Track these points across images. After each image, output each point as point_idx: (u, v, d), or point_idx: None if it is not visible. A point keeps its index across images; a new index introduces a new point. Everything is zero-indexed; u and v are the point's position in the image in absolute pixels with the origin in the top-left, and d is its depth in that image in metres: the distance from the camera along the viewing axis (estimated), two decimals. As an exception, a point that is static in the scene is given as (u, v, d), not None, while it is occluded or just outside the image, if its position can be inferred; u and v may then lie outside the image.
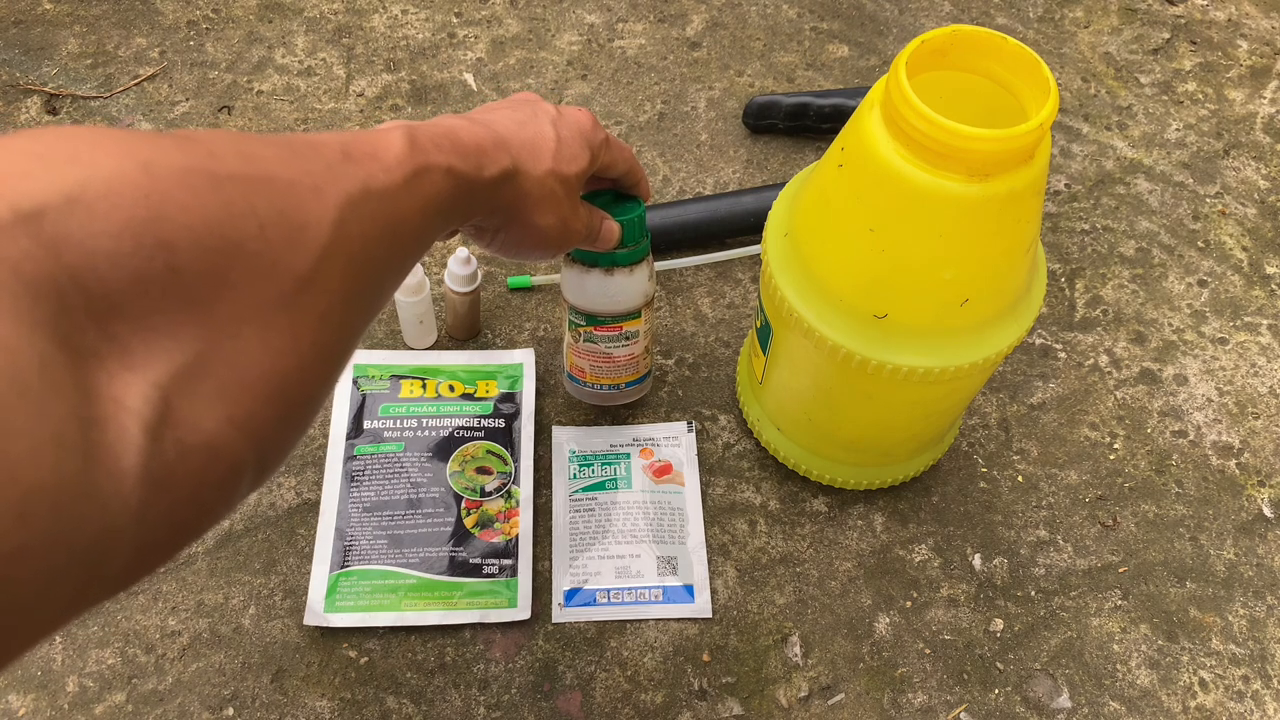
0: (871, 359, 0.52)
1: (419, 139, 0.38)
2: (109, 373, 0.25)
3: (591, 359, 0.65)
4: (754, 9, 0.94)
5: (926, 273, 0.49)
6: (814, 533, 0.67)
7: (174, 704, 0.59)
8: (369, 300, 0.35)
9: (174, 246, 0.26)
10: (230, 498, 0.30)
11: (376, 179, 0.34)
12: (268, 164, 0.30)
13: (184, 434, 0.26)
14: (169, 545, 0.28)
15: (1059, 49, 0.93)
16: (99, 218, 0.25)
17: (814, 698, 0.61)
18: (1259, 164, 0.86)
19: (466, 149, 0.41)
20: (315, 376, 0.32)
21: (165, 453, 0.26)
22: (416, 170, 0.37)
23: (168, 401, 0.26)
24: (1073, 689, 0.62)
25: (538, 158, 0.46)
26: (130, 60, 0.88)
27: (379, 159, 0.35)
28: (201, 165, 0.28)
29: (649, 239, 0.60)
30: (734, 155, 0.84)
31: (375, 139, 0.36)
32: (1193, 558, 0.66)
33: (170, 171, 0.27)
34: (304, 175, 0.31)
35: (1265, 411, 0.73)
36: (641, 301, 0.62)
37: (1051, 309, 0.77)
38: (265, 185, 0.29)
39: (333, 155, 0.33)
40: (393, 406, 0.68)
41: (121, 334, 0.25)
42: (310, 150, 0.33)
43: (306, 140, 0.33)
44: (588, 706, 0.60)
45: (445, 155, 0.39)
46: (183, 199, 0.27)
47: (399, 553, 0.63)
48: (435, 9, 0.93)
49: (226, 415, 0.28)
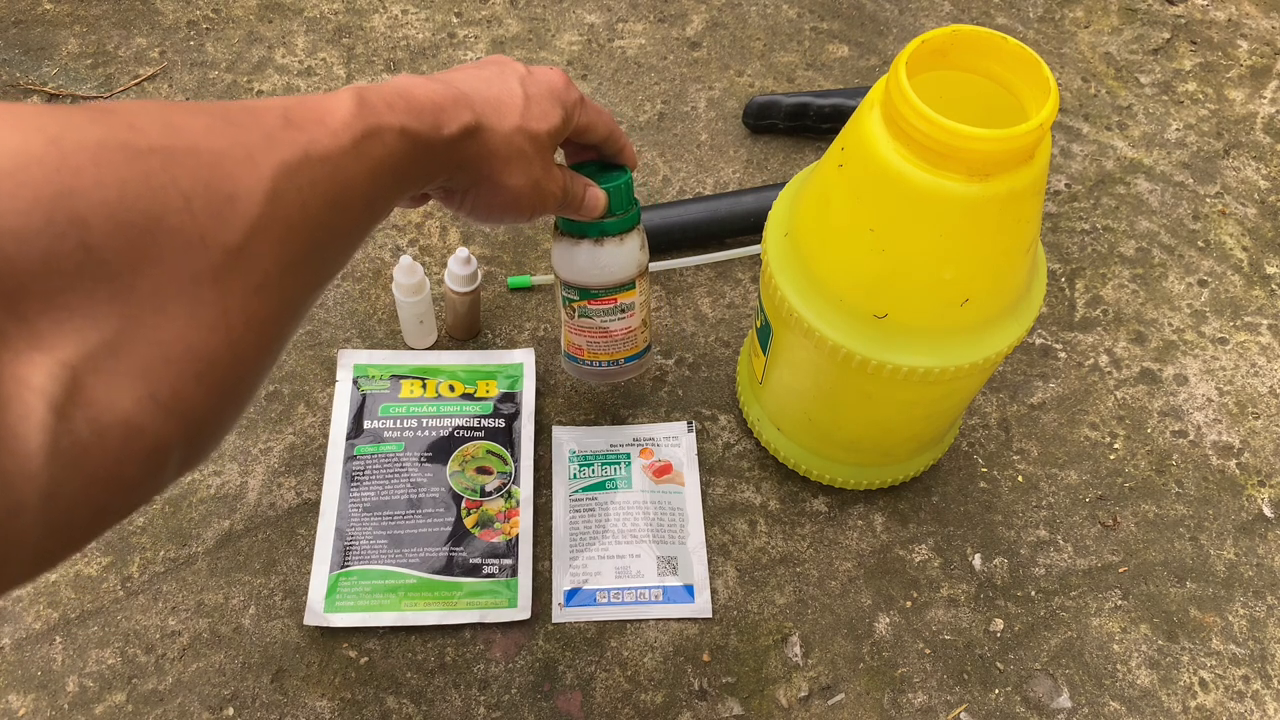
0: (871, 359, 0.52)
1: (369, 99, 0.37)
2: (15, 352, 0.24)
3: (588, 335, 0.63)
4: (754, 9, 0.94)
5: (926, 273, 0.49)
6: (814, 533, 0.67)
7: (174, 704, 0.59)
8: (314, 269, 0.34)
9: (87, 223, 0.25)
10: (156, 476, 0.29)
11: (319, 144, 0.33)
12: (194, 134, 0.29)
13: (98, 412, 0.26)
14: (87, 525, 0.28)
15: (1059, 49, 0.93)
16: (4, 196, 0.24)
17: (814, 698, 0.61)
18: (1259, 164, 0.86)
19: (421, 107, 0.39)
20: (250, 350, 0.31)
21: (76, 431, 0.25)
22: (365, 132, 0.35)
23: (78, 380, 0.25)
24: (1073, 689, 0.62)
25: (503, 114, 0.44)
26: (130, 60, 0.88)
27: (324, 123, 0.34)
28: (118, 138, 0.27)
29: (638, 207, 0.58)
30: (734, 155, 0.84)
31: (322, 102, 0.35)
32: (1193, 558, 0.66)
33: (82, 145, 0.26)
34: (235, 145, 0.30)
35: (1265, 411, 0.73)
36: (635, 271, 0.60)
37: (1051, 309, 0.77)
38: (189, 156, 0.29)
39: (272, 121, 0.32)
40: (393, 406, 0.68)
41: (30, 313, 0.25)
42: (248, 117, 0.32)
43: (246, 107, 0.33)
44: (588, 706, 0.60)
45: (398, 115, 0.38)
46: (96, 174, 0.26)
47: (399, 553, 0.63)
48: (435, 9, 0.93)
49: (148, 393, 0.27)
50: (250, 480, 0.67)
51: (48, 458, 0.25)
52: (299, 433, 0.69)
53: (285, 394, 0.71)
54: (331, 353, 0.72)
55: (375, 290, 0.76)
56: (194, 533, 0.65)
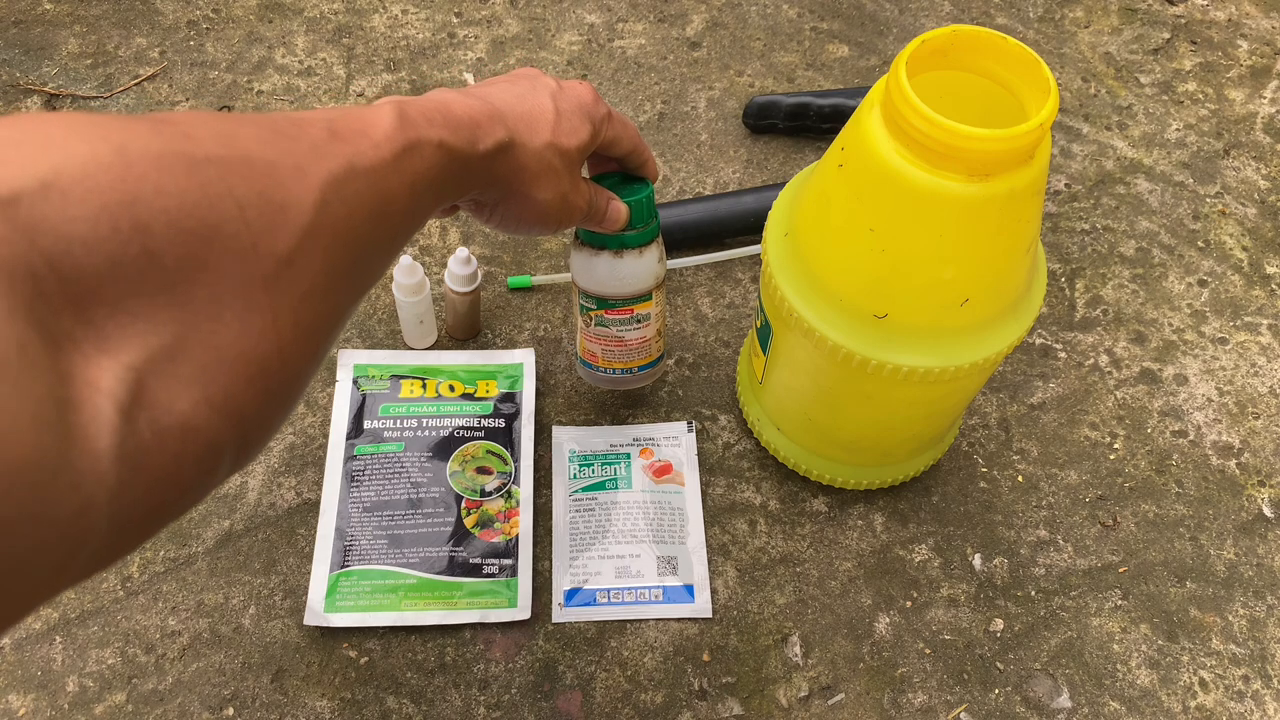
0: (871, 359, 0.52)
1: (409, 113, 0.37)
2: (84, 355, 0.25)
3: (603, 343, 0.64)
4: (754, 9, 0.94)
5: (926, 273, 0.49)
6: (814, 533, 0.67)
7: (174, 704, 0.59)
8: (356, 278, 0.35)
9: (150, 230, 0.26)
10: (210, 476, 0.30)
11: (364, 156, 0.34)
12: (247, 145, 0.30)
13: (158, 414, 0.27)
14: (147, 523, 0.28)
15: (1059, 49, 0.93)
16: (74, 202, 0.25)
17: (814, 698, 0.61)
18: (1259, 164, 0.86)
19: (459, 122, 0.40)
20: (298, 355, 0.32)
21: (140, 433, 0.26)
22: (406, 145, 0.36)
23: (141, 383, 0.26)
24: (1073, 689, 0.62)
25: (535, 130, 0.45)
26: (130, 60, 0.88)
27: (367, 135, 0.35)
28: (178, 148, 0.28)
29: (658, 219, 0.59)
30: (734, 155, 0.84)
31: (364, 115, 0.36)
32: (1193, 558, 0.66)
33: (145, 155, 0.27)
34: (286, 155, 0.31)
35: (1265, 411, 0.73)
36: (652, 283, 0.61)
37: (1051, 309, 0.77)
38: (244, 166, 0.29)
39: (318, 134, 0.33)
40: (393, 406, 0.68)
41: (97, 318, 0.25)
42: (295, 129, 0.33)
43: (292, 119, 0.33)
44: (588, 706, 0.60)
45: (437, 129, 0.38)
46: (158, 182, 0.27)
47: (399, 553, 0.63)
48: (435, 9, 0.93)
49: (203, 396, 0.28)
50: (250, 480, 0.67)
51: (115, 458, 0.25)
52: (299, 432, 0.69)
53: (285, 394, 0.71)
54: (332, 353, 0.72)
55: (375, 290, 0.76)
56: (194, 532, 0.65)
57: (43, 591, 0.25)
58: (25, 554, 0.23)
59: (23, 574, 0.24)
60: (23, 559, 0.23)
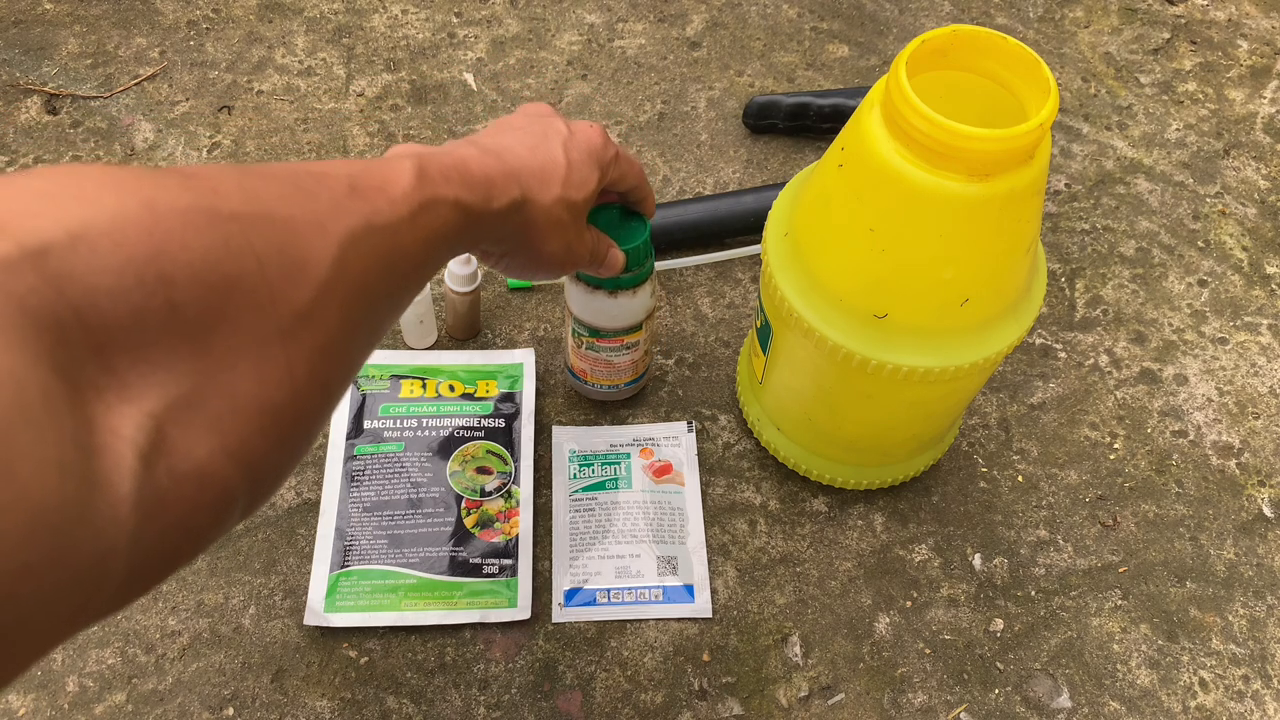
0: (871, 359, 0.52)
1: (429, 171, 0.38)
2: (106, 404, 0.26)
3: (593, 364, 0.66)
4: (754, 9, 0.94)
5: (926, 273, 0.49)
6: (814, 533, 0.67)
7: (174, 704, 0.59)
8: (368, 331, 0.36)
9: (173, 282, 0.27)
10: (221, 523, 0.30)
11: (381, 214, 0.35)
12: (269, 201, 0.31)
13: (176, 462, 0.27)
14: (161, 568, 0.29)
15: (1059, 49, 0.93)
16: (102, 254, 0.25)
17: (814, 698, 0.61)
18: (1259, 164, 0.86)
19: (475, 181, 0.42)
20: (311, 407, 0.32)
21: (158, 480, 0.27)
22: (423, 203, 0.37)
23: (161, 431, 0.27)
24: (1073, 689, 0.62)
25: (547, 185, 0.46)
26: (130, 60, 0.88)
27: (386, 192, 0.36)
28: (204, 203, 0.29)
29: (653, 258, 0.61)
30: (734, 155, 0.84)
31: (385, 170, 0.37)
32: (1193, 558, 0.66)
33: (173, 209, 0.28)
34: (306, 211, 0.32)
35: (1265, 411, 0.73)
36: (643, 316, 0.63)
37: (1051, 309, 0.77)
38: (265, 223, 0.30)
39: (339, 189, 0.34)
40: (393, 406, 0.68)
41: (120, 366, 0.26)
42: (317, 185, 0.33)
43: (315, 172, 0.34)
44: (588, 706, 0.60)
45: (454, 188, 0.40)
46: (184, 236, 0.27)
47: (399, 553, 0.63)
48: (435, 9, 0.93)
49: (220, 444, 0.28)
50: (250, 480, 0.67)
51: (135, 504, 0.26)
52: (299, 433, 0.69)
53: (285, 394, 0.71)
54: (331, 353, 0.72)
55: (375, 290, 0.76)
56: (194, 533, 0.65)
57: (59, 634, 0.26)
58: (46, 598, 0.24)
59: (42, 617, 0.24)
60: (43, 603, 0.24)
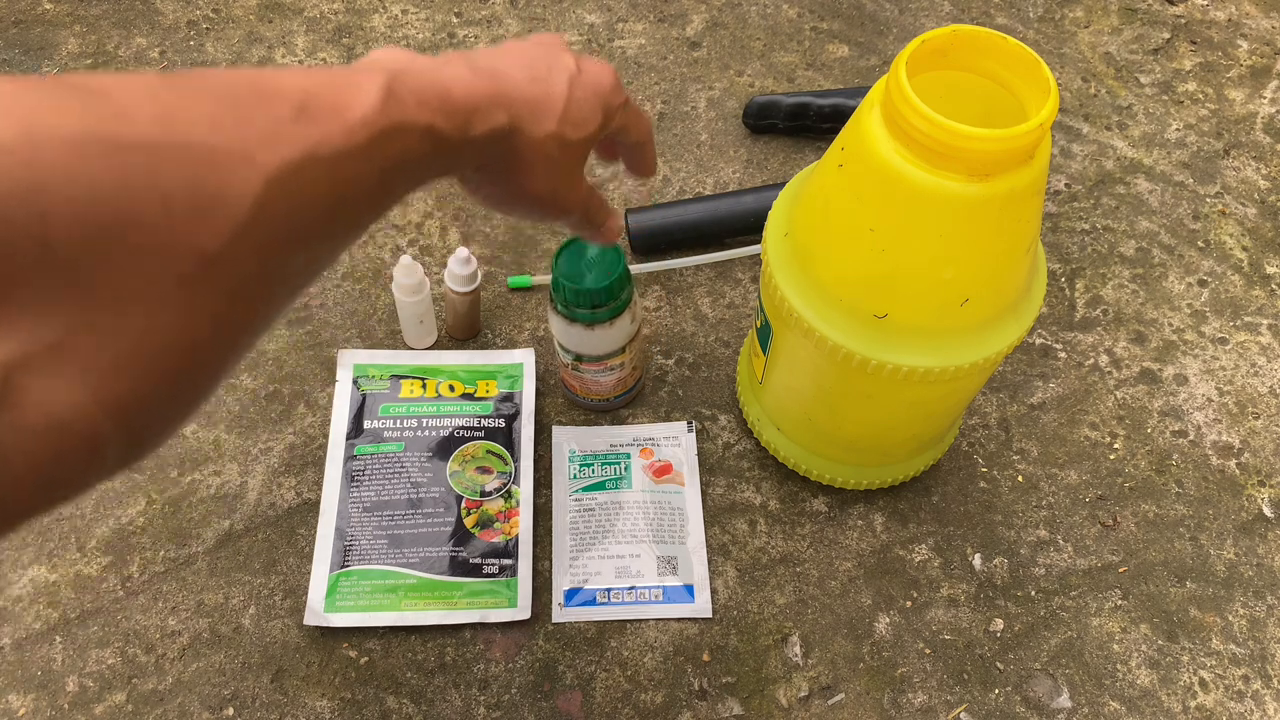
0: (871, 359, 0.52)
1: (399, 93, 0.34)
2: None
3: (581, 382, 0.67)
4: (754, 9, 0.94)
5: (926, 273, 0.49)
6: (814, 533, 0.67)
7: (174, 704, 0.59)
8: (299, 270, 0.32)
9: (49, 220, 0.24)
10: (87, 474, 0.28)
11: (330, 141, 0.31)
12: (190, 126, 0.28)
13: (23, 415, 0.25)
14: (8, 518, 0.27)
15: (1059, 49, 0.93)
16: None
17: (814, 698, 0.61)
18: (1259, 164, 0.86)
19: (456, 105, 0.37)
20: (214, 352, 0.30)
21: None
22: (386, 130, 0.33)
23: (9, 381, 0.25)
24: (1073, 689, 0.62)
25: (540, 117, 0.41)
26: (130, 60, 0.88)
27: (341, 115, 0.31)
28: (102, 129, 0.26)
29: (631, 287, 0.61)
30: (734, 155, 0.84)
31: (347, 87, 0.33)
32: (1193, 558, 0.66)
33: (57, 136, 0.25)
34: (234, 139, 0.28)
35: (1265, 411, 0.72)
36: (625, 342, 0.63)
37: (1051, 309, 0.77)
38: (179, 153, 0.27)
39: (283, 112, 0.30)
40: (393, 406, 0.68)
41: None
42: (257, 104, 0.30)
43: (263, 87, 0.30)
44: (588, 706, 0.60)
45: (428, 112, 0.35)
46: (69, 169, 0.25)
47: (399, 553, 0.63)
48: (435, 9, 0.93)
49: (91, 395, 0.26)
50: (250, 480, 0.67)
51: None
52: (299, 433, 0.69)
53: (285, 394, 0.71)
54: (331, 353, 0.72)
55: (375, 290, 0.76)
56: (194, 533, 0.65)
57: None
58: None
59: None
60: None
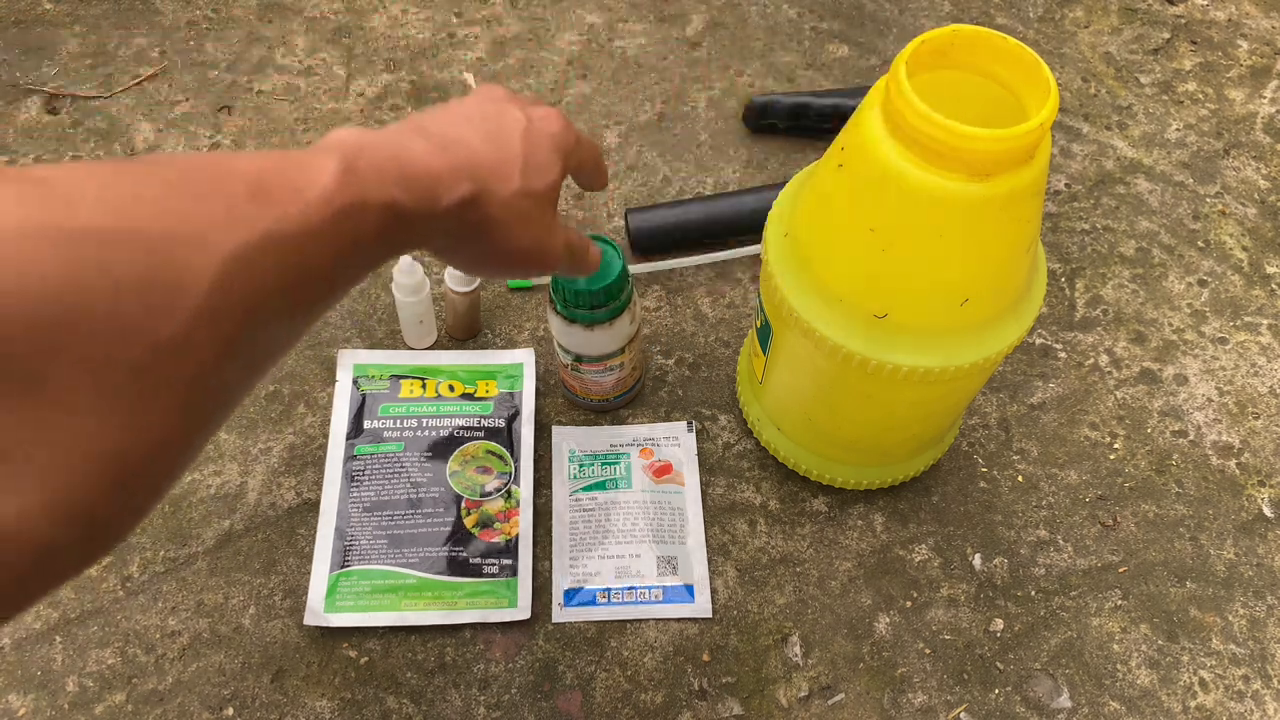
0: (871, 359, 0.52)
1: (358, 167, 0.33)
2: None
3: (581, 382, 0.67)
4: (754, 9, 0.94)
5: (926, 272, 0.49)
6: (814, 533, 0.67)
7: (174, 704, 0.59)
8: (260, 355, 0.31)
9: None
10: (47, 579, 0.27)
11: (288, 222, 0.30)
12: (140, 212, 0.27)
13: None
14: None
15: (1059, 49, 0.93)
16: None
17: (814, 697, 0.61)
18: (1259, 164, 0.86)
19: (415, 177, 0.36)
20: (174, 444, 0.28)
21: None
22: (346, 208, 0.32)
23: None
24: (1073, 689, 0.62)
25: (505, 177, 0.41)
26: (130, 60, 0.88)
27: (300, 194, 0.31)
28: (49, 220, 0.25)
29: (630, 288, 0.61)
30: (734, 155, 0.84)
31: (304, 166, 0.32)
32: (1193, 558, 0.66)
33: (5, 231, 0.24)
34: (186, 223, 0.27)
35: (1265, 411, 0.72)
36: (624, 343, 0.63)
37: (1051, 309, 0.77)
38: (131, 240, 0.26)
39: (239, 191, 0.29)
40: (393, 406, 0.68)
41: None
42: (212, 186, 0.29)
43: (215, 171, 0.30)
44: (588, 706, 0.60)
45: (387, 187, 0.34)
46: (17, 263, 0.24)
47: (399, 553, 0.63)
48: (435, 9, 0.93)
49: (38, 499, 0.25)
50: (250, 480, 0.67)
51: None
52: (299, 433, 0.69)
53: (285, 394, 0.71)
54: (331, 353, 0.72)
55: (375, 290, 0.76)
56: (194, 533, 0.65)
57: None
58: None
59: None
60: None
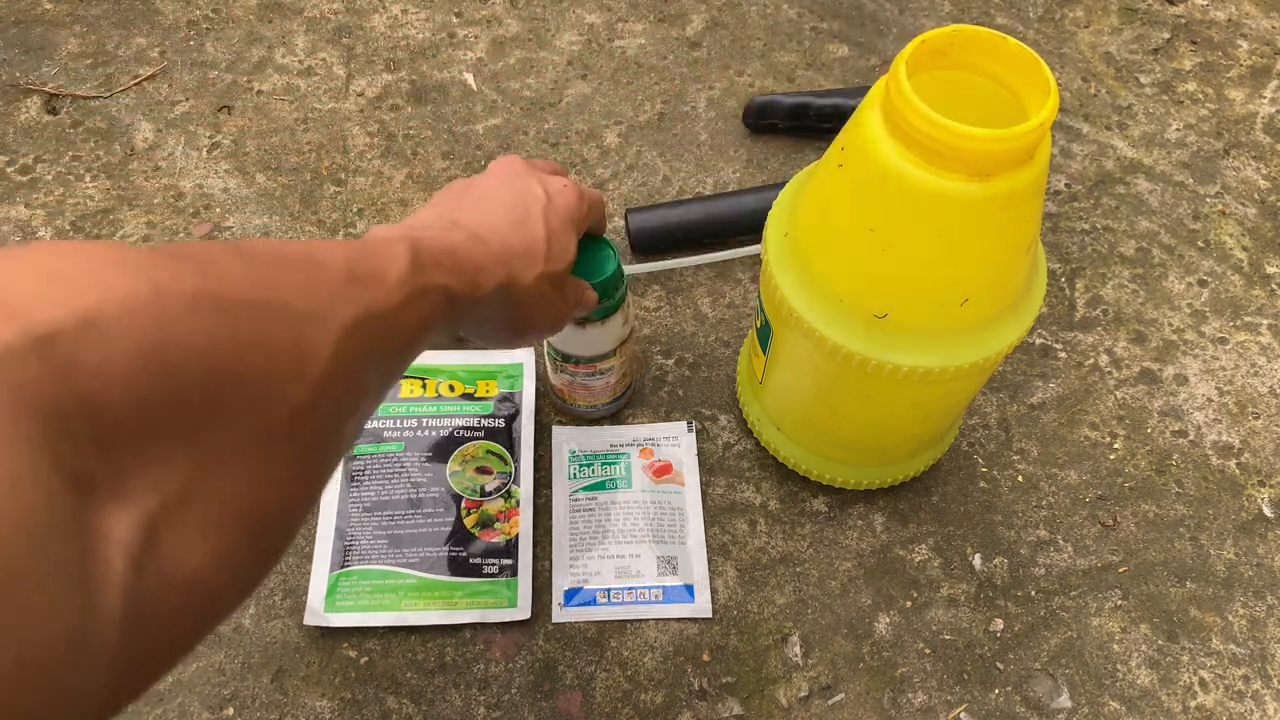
0: (871, 359, 0.52)
1: (422, 259, 0.38)
2: (99, 500, 0.24)
3: (570, 385, 0.66)
4: (754, 9, 0.94)
5: (926, 273, 0.49)
6: (814, 532, 0.67)
7: (174, 704, 0.59)
8: (357, 422, 0.35)
9: (180, 372, 0.26)
10: (204, 630, 0.29)
11: (378, 302, 0.35)
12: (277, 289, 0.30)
13: (167, 566, 0.26)
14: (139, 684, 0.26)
15: (1059, 49, 0.93)
16: (111, 341, 0.24)
17: (814, 697, 0.61)
18: (1259, 164, 0.86)
19: (463, 268, 0.42)
20: (299, 504, 0.31)
21: (147, 587, 0.25)
22: (416, 291, 0.37)
23: (156, 533, 0.25)
24: (1073, 689, 0.62)
25: (529, 262, 0.46)
26: (130, 60, 0.88)
27: (382, 280, 0.35)
28: (212, 288, 0.27)
29: (624, 288, 0.60)
30: (734, 155, 0.84)
31: (381, 255, 0.37)
32: (1193, 558, 0.66)
33: (181, 295, 0.26)
34: (308, 300, 0.31)
35: (1265, 411, 0.72)
36: (615, 344, 0.63)
37: (1051, 309, 0.77)
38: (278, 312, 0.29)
39: (338, 276, 0.33)
40: (393, 406, 0.68)
41: (123, 460, 0.24)
42: (317, 271, 0.33)
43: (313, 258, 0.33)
44: (588, 706, 0.60)
45: (444, 275, 0.40)
46: (191, 324, 0.26)
47: (399, 553, 0.63)
48: (435, 9, 0.93)
49: (210, 547, 0.27)
50: (250, 480, 0.67)
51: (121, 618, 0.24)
52: (299, 433, 0.69)
53: (285, 394, 0.71)
54: (331, 353, 0.72)
55: (375, 290, 0.76)
56: (194, 533, 0.65)
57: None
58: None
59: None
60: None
